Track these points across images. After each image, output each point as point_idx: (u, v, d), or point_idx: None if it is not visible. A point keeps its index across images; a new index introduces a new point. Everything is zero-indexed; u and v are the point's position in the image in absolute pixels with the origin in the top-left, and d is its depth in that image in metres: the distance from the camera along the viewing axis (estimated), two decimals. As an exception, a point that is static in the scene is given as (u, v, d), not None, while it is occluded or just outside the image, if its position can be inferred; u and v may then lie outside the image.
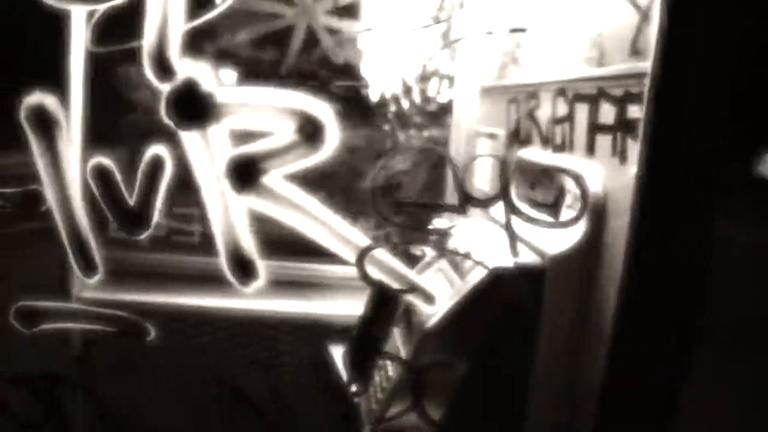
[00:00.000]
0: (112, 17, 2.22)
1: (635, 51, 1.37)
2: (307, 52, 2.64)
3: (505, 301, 1.50)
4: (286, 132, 1.07)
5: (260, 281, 1.12)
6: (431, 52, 2.65)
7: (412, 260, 1.86)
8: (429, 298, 1.27)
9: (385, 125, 2.72)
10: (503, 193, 1.33)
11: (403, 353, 1.64)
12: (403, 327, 1.79)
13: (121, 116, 2.62)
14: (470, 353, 1.53)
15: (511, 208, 1.31)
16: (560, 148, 1.75)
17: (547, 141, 1.85)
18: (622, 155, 1.41)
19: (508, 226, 1.32)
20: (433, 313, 1.58)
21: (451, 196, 2.79)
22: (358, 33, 2.63)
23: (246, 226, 1.11)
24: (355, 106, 2.72)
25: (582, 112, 1.63)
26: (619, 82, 1.44)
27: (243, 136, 1.10)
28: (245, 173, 1.07)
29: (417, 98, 2.70)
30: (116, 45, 2.25)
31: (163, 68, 1.08)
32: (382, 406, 1.54)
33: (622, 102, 1.43)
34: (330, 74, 2.66)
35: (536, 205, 1.71)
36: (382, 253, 1.25)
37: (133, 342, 1.48)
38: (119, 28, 2.20)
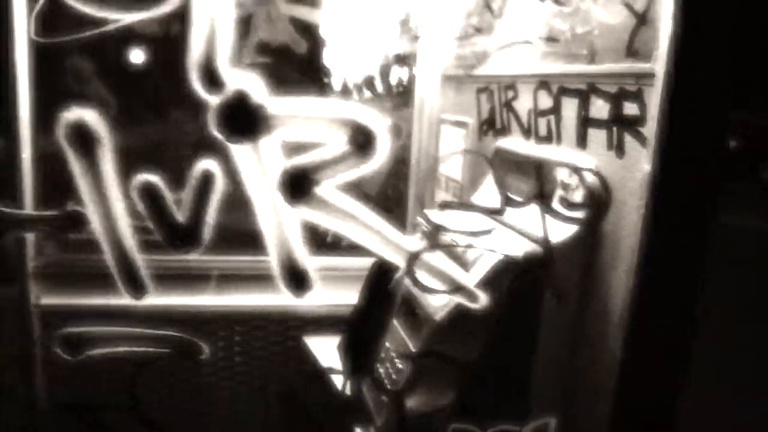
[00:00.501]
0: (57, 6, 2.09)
1: (632, 52, 1.46)
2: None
3: (512, 288, 1.58)
4: (337, 142, 1.07)
5: (312, 290, 1.13)
6: (392, 39, 2.68)
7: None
8: (474, 298, 1.33)
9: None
10: (540, 194, 1.41)
11: (411, 345, 1.70)
12: (405, 319, 1.84)
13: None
14: (481, 340, 1.61)
15: (547, 209, 1.38)
16: (546, 139, 1.84)
17: (528, 132, 1.94)
18: (618, 148, 1.52)
19: (543, 225, 1.38)
20: (441, 304, 1.64)
21: (414, 187, 2.85)
22: (319, 21, 2.61)
23: (299, 238, 1.11)
24: (318, 96, 2.71)
25: (570, 105, 1.72)
26: (614, 79, 1.54)
27: (295, 148, 1.09)
28: (298, 185, 1.07)
29: (379, 87, 2.72)
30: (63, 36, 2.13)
31: (212, 80, 1.05)
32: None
33: (617, 98, 1.53)
34: (293, 64, 2.63)
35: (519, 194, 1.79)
36: (430, 257, 1.29)
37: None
38: (66, 19, 2.07)
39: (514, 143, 1.99)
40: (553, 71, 1.79)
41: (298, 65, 2.64)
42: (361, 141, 1.06)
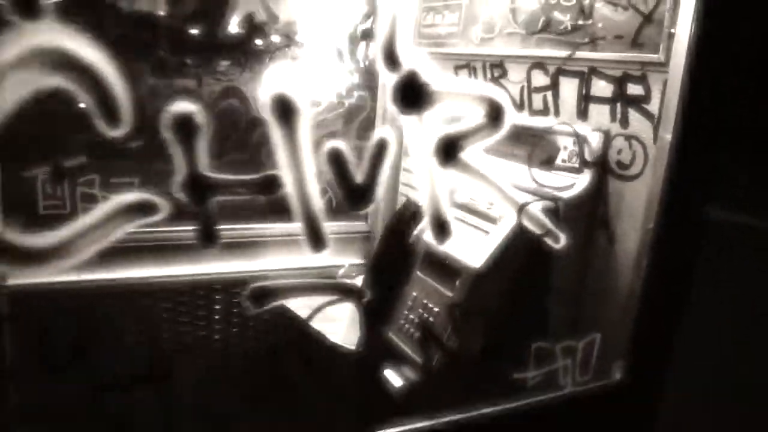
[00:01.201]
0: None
1: (638, 44, 1.84)
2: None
3: (534, 238, 1.91)
4: (477, 115, 1.29)
5: (451, 236, 1.35)
6: (360, 15, 2.85)
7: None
8: (557, 239, 1.61)
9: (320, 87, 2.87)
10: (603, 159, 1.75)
11: (449, 295, 1.97)
12: (430, 270, 2.10)
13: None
14: (510, 284, 1.92)
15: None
16: (542, 112, 2.18)
17: (521, 106, 2.26)
18: (623, 121, 1.89)
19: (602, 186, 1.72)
20: (476, 255, 1.93)
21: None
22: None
23: (447, 195, 1.31)
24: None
25: (569, 84, 2.07)
26: (618, 65, 1.90)
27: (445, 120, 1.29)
28: (448, 150, 1.27)
29: (348, 61, 2.89)
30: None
31: (393, 61, 1.21)
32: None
33: (621, 80, 1.90)
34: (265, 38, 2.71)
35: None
36: (534, 207, 1.55)
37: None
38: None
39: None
40: (552, 55, 2.11)
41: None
42: (494, 114, 1.29)
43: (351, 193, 1.20)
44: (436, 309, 2.00)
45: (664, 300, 1.72)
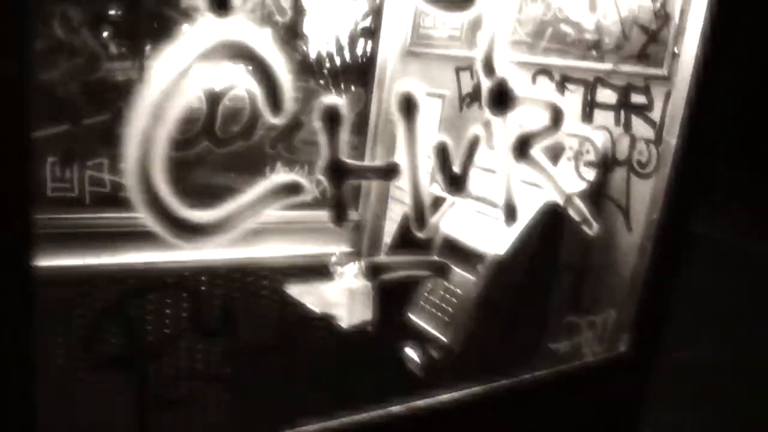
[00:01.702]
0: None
1: (642, 58, 2.11)
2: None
3: (552, 227, 2.16)
4: (543, 118, 1.50)
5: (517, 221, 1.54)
6: (362, 11, 3.00)
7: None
8: (591, 226, 1.84)
9: (321, 81, 2.99)
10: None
11: (471, 278, 2.17)
12: (448, 256, 2.29)
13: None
14: (529, 270, 2.16)
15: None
16: (546, 114, 2.42)
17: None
18: (626, 126, 2.16)
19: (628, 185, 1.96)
20: (497, 242, 2.14)
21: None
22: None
23: (517, 184, 1.51)
24: (297, 62, 2.93)
25: (574, 89, 2.32)
26: (623, 76, 2.17)
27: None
28: (523, 147, 1.46)
29: (348, 56, 3.03)
30: None
31: (489, 69, 1.38)
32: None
33: (625, 90, 2.17)
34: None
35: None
36: (578, 198, 1.77)
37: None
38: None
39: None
40: (558, 63, 2.35)
41: (282, 33, 2.82)
42: (556, 118, 1.50)
43: (450, 181, 1.37)
44: (458, 290, 2.19)
45: (663, 283, 2.00)
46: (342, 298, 2.90)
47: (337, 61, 3.01)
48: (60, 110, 2.33)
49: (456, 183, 1.41)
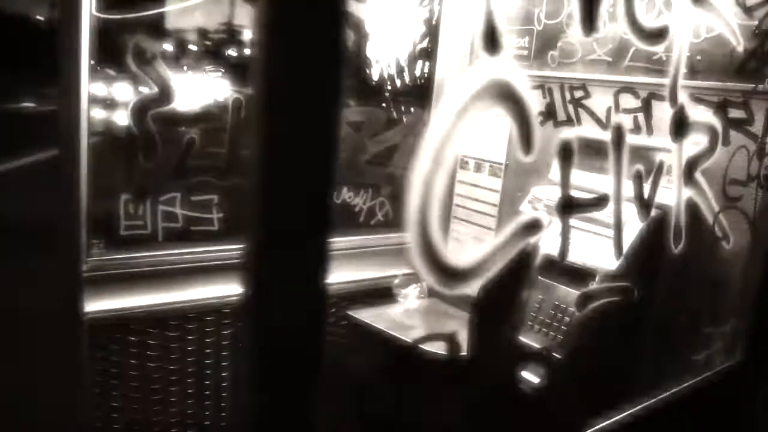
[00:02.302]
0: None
1: (739, 72, 2.17)
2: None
3: (659, 240, 2.20)
4: (704, 142, 1.55)
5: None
6: (419, 33, 3.02)
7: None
8: (728, 239, 1.89)
9: (383, 103, 3.00)
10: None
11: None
12: (555, 276, 2.32)
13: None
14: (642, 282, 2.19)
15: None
16: (633, 131, 2.47)
17: (605, 124, 2.54)
18: (724, 139, 2.22)
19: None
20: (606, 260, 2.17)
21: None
22: (365, 16, 2.82)
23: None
24: (360, 85, 2.93)
25: (661, 106, 2.37)
26: (717, 92, 2.23)
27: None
28: (690, 170, 1.51)
29: (407, 78, 3.04)
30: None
31: (674, 98, 1.42)
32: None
33: (721, 106, 2.23)
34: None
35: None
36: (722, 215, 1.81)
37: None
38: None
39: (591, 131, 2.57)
40: (646, 81, 2.41)
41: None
42: (714, 140, 1.55)
43: (643, 207, 1.40)
44: (570, 309, 2.21)
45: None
46: (412, 320, 2.90)
47: (398, 82, 3.02)
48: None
49: (647, 207, 1.44)
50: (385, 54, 2.91)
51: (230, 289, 2.51)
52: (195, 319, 2.47)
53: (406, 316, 3.08)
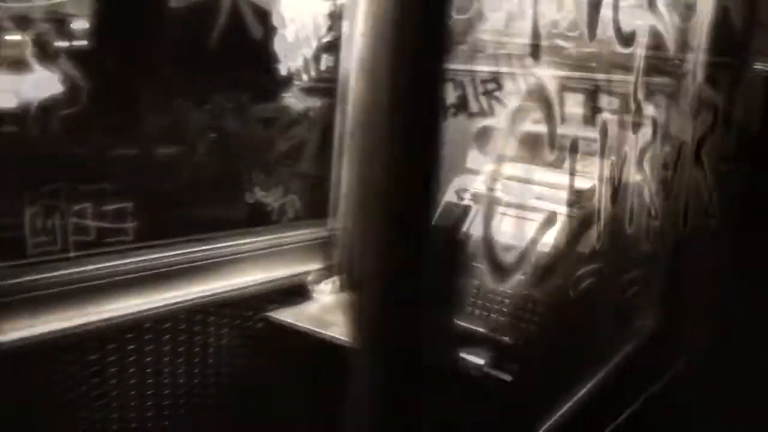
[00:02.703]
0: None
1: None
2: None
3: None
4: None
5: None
6: (324, 27, 2.98)
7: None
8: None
9: (291, 98, 2.94)
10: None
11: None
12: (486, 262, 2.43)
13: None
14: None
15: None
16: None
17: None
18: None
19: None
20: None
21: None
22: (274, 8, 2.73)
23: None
24: (269, 80, 2.85)
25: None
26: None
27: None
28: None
29: (313, 72, 3.00)
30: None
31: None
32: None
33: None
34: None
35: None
36: None
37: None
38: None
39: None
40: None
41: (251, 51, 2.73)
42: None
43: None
44: (508, 291, 2.35)
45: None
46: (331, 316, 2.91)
47: (304, 77, 2.96)
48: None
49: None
50: (292, 48, 2.84)
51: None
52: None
53: (324, 312, 3.04)
